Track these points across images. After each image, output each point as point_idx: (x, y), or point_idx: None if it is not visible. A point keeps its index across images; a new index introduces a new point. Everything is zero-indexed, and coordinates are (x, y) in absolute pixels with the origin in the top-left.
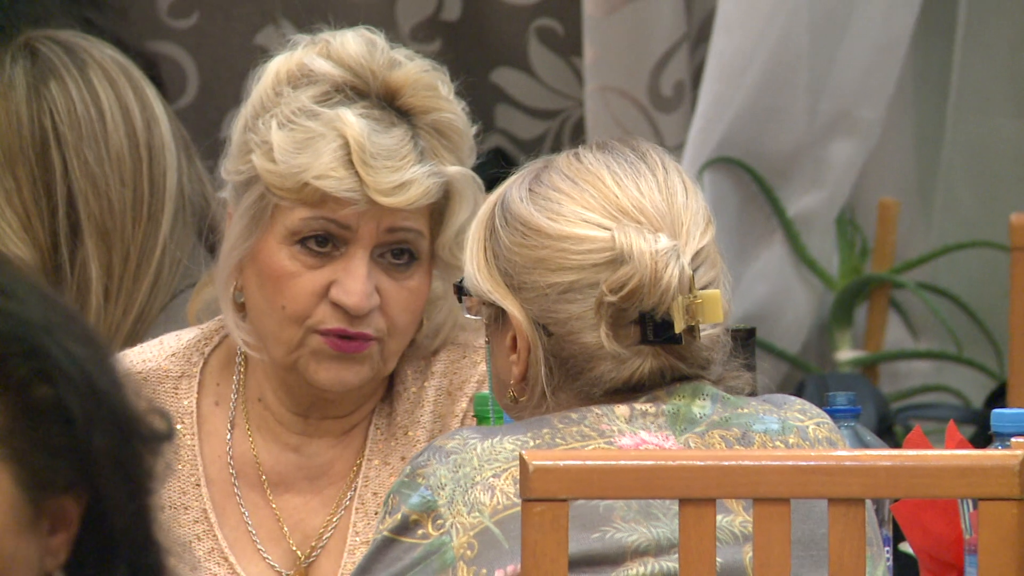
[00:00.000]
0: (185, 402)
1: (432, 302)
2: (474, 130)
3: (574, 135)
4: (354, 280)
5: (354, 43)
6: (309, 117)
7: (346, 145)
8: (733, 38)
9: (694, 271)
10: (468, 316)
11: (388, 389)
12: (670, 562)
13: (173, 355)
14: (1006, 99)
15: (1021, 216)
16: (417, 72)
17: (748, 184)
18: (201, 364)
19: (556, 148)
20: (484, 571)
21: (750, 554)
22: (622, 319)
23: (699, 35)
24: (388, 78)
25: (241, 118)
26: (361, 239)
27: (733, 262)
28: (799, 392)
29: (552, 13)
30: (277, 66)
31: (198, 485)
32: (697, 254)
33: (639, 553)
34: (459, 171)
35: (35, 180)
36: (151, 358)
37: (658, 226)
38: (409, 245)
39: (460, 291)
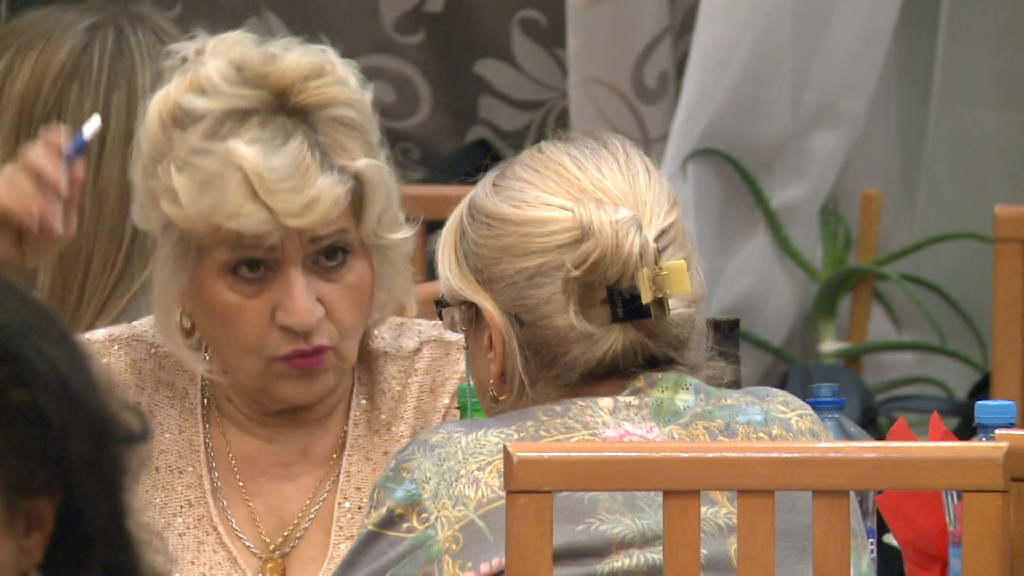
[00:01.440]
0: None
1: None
2: (369, 91)
3: (558, 126)
4: (293, 299)
5: (217, 69)
6: (203, 156)
7: (247, 179)
8: (717, 29)
9: (662, 249)
10: (449, 332)
11: (370, 386)
12: (655, 554)
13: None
14: (989, 91)
15: (1005, 208)
16: (296, 64)
17: (731, 175)
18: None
19: (540, 139)
20: (470, 564)
21: (735, 545)
22: (591, 298)
23: (683, 26)
24: (270, 84)
25: (139, 166)
26: (290, 257)
27: (717, 253)
28: (783, 384)
29: (535, 4)
30: (158, 108)
31: (196, 451)
32: (663, 233)
33: (624, 545)
34: (366, 164)
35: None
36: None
37: (620, 204)
38: (338, 244)
39: (439, 305)
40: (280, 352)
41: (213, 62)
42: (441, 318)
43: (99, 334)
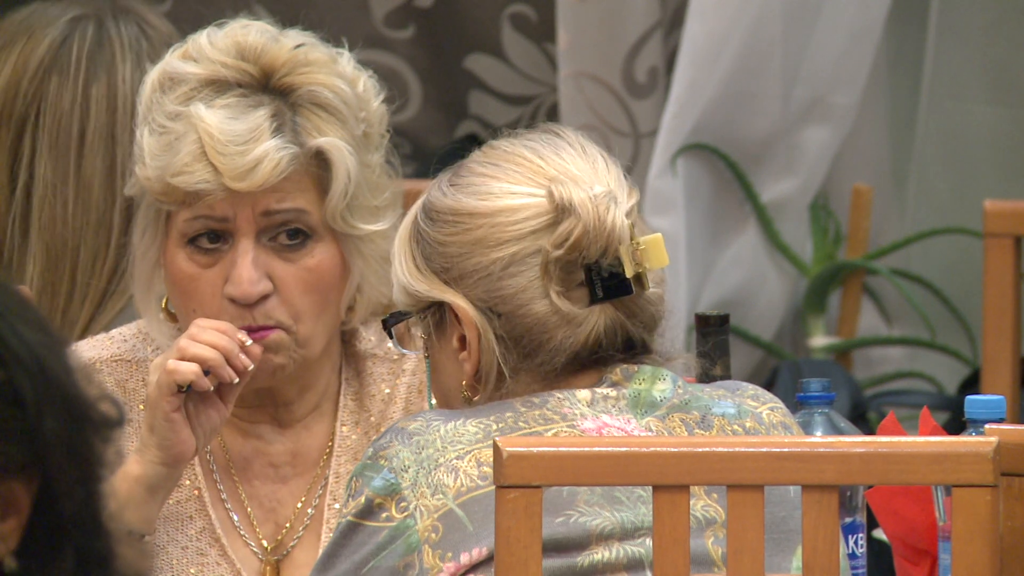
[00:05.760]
0: None
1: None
2: (381, 96)
3: (548, 121)
4: (238, 270)
5: (217, 39)
6: (173, 119)
7: (199, 139)
8: (707, 24)
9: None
10: (403, 351)
11: (358, 388)
12: (635, 546)
13: (157, 348)
14: (979, 85)
15: (994, 202)
16: (290, 50)
17: (722, 170)
18: None
19: None
20: (449, 554)
21: (712, 538)
22: (570, 280)
23: (673, 21)
24: (260, 64)
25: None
26: (241, 228)
27: (707, 248)
28: (773, 378)
29: None
30: (151, 77)
31: (192, 464)
32: (628, 212)
33: (604, 537)
34: (328, 141)
35: (7, 150)
36: (139, 348)
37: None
38: (296, 225)
39: (387, 325)
40: None
41: (212, 33)
42: (391, 336)
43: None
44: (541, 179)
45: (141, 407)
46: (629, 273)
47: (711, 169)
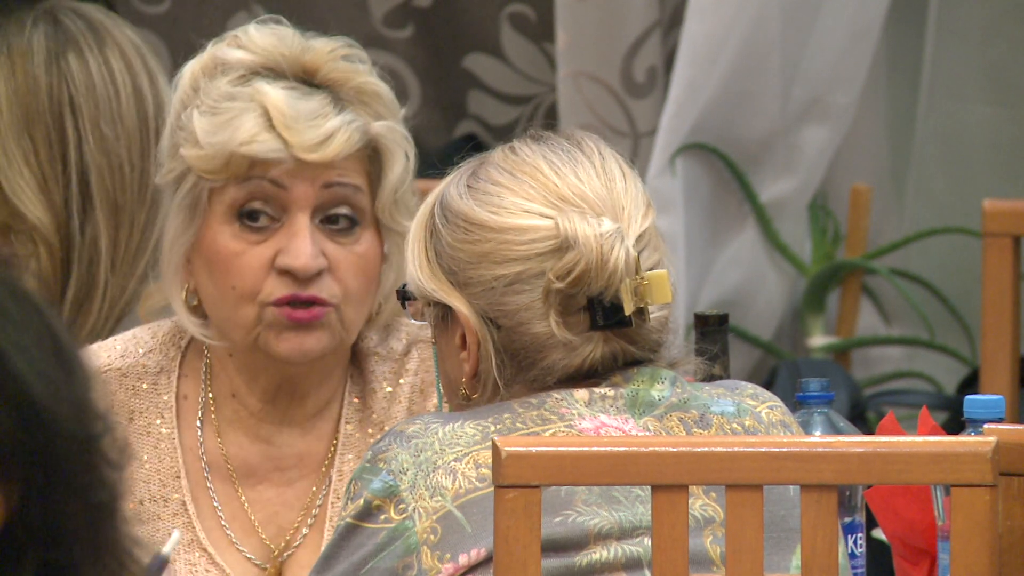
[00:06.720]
0: (164, 397)
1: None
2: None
3: (547, 121)
4: (298, 242)
5: (261, 33)
6: (229, 99)
7: (266, 113)
8: (706, 23)
9: (638, 253)
10: (413, 321)
11: (362, 385)
12: (633, 546)
13: (151, 351)
14: (978, 85)
15: (993, 202)
16: (330, 49)
17: (720, 170)
18: (179, 358)
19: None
20: (448, 556)
21: (710, 538)
22: (571, 306)
23: (672, 20)
24: (303, 59)
25: (168, 126)
26: (298, 202)
27: (706, 248)
28: (772, 378)
29: None
30: (191, 67)
31: (178, 477)
32: (640, 237)
33: (602, 537)
34: (385, 126)
35: (51, 144)
36: (130, 353)
37: (599, 211)
38: (349, 204)
39: (402, 296)
40: (274, 296)
41: (256, 29)
42: (404, 307)
43: None
44: (554, 199)
45: (129, 420)
46: (628, 310)
47: (710, 169)
